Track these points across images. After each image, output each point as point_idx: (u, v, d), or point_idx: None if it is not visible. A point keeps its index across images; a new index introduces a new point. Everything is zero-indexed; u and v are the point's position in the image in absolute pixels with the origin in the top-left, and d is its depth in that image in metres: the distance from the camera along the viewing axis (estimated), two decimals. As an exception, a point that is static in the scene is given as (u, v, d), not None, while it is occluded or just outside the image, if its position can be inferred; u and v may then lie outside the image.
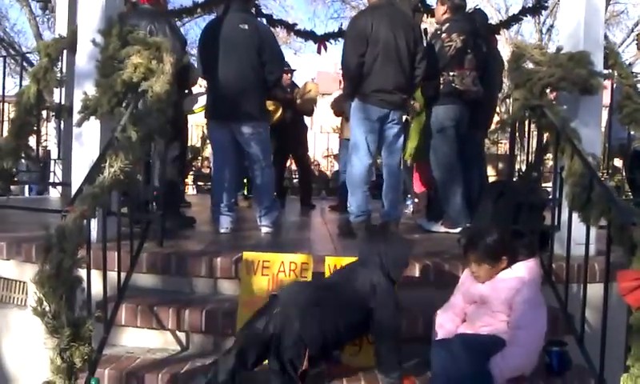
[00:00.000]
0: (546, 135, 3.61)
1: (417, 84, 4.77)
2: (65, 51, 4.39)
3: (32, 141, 4.66)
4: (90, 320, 2.39)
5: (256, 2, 10.66)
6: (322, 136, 18.82)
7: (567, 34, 3.82)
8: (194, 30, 18.37)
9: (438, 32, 4.86)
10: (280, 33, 10.60)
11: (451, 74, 4.71)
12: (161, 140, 3.66)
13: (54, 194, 7.21)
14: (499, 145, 11.95)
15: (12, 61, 11.95)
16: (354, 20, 4.95)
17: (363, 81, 4.54)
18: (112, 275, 3.14)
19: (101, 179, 2.70)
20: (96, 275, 3.02)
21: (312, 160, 15.85)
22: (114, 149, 2.90)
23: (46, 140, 9.14)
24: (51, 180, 7.09)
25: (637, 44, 5.42)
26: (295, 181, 10.16)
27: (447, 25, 4.82)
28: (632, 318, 2.33)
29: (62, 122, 6.41)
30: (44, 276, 2.26)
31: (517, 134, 4.45)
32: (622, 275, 2.32)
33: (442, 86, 4.76)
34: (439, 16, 5.11)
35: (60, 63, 4.34)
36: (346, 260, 3.20)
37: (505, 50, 17.62)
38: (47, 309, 2.26)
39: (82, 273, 2.56)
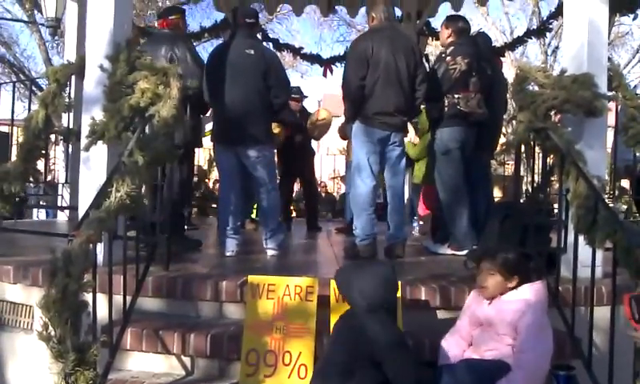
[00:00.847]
0: (551, 157, 3.61)
1: (417, 106, 4.79)
2: (73, 76, 4.44)
3: (41, 165, 4.70)
4: (96, 345, 2.39)
5: (263, 27, 10.85)
6: (328, 158, 18.88)
7: (571, 56, 3.84)
8: (201, 54, 18.52)
9: (443, 55, 4.89)
10: (286, 56, 10.73)
11: (456, 96, 4.73)
12: (168, 163, 3.68)
13: (62, 217, 7.25)
14: (506, 166, 11.93)
15: (21, 86, 12.09)
16: (354, 43, 5.00)
17: (364, 103, 4.57)
18: (118, 299, 3.14)
19: (107, 204, 2.72)
20: (102, 299, 3.03)
21: (319, 182, 15.92)
22: (121, 173, 2.93)
23: (54, 163, 9.21)
24: (59, 204, 7.16)
25: None
26: (302, 204, 10.17)
27: (451, 48, 4.85)
28: (639, 342, 2.31)
29: (70, 146, 6.49)
30: (49, 300, 2.27)
31: (523, 156, 4.45)
32: (628, 299, 2.31)
33: (446, 109, 4.78)
34: (444, 39, 5.15)
35: (68, 88, 4.38)
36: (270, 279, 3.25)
37: (510, 71, 17.72)
38: (52, 333, 2.26)
39: (88, 297, 2.59)
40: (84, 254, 2.40)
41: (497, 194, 10.00)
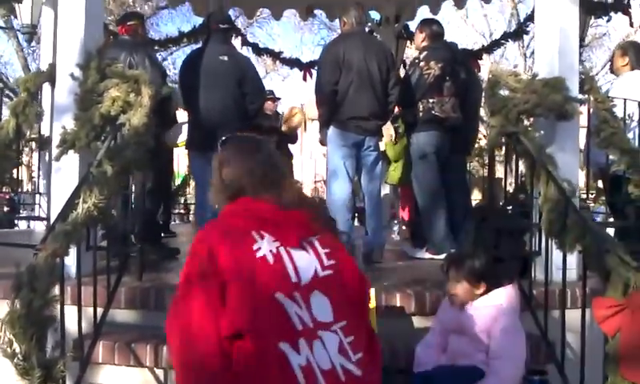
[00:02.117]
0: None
1: (391, 110, 4.81)
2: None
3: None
4: (62, 360, 2.35)
5: (242, 31, 10.83)
6: (310, 162, 18.87)
7: (543, 61, 3.88)
8: (180, 58, 18.45)
9: (416, 61, 4.91)
10: (266, 60, 10.69)
11: (431, 101, 4.75)
12: (138, 172, 3.64)
13: (40, 226, 7.14)
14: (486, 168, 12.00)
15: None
16: (326, 48, 5.02)
17: (338, 108, 4.58)
18: (89, 311, 3.10)
19: (74, 216, 2.68)
20: (74, 311, 2.99)
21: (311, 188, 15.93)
22: (89, 184, 2.88)
23: (32, 171, 9.12)
24: (37, 213, 7.06)
25: (610, 66, 5.48)
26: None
27: (425, 53, 4.87)
28: (608, 346, 2.33)
29: (47, 155, 6.42)
30: (14, 316, 2.23)
31: (502, 158, 4.46)
32: (596, 303, 2.33)
33: (421, 114, 4.79)
34: (418, 43, 5.18)
35: (40, 96, 4.33)
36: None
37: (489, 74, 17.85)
38: (17, 350, 2.22)
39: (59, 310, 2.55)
40: (49, 269, 2.36)
41: (478, 195, 10.05)
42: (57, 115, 3.82)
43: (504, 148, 4.02)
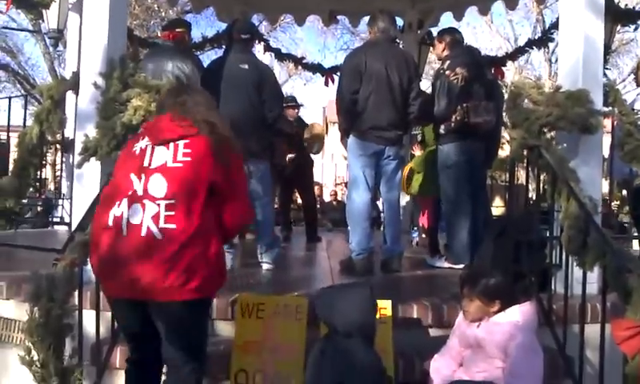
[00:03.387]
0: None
1: (412, 121, 4.77)
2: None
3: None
4: (80, 368, 2.38)
5: (265, 37, 10.88)
6: (331, 164, 18.88)
7: (566, 72, 3.82)
8: (205, 62, 18.61)
9: (441, 71, 4.87)
10: (289, 65, 10.76)
11: (465, 105, 4.72)
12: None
13: (62, 228, 7.26)
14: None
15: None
16: (348, 57, 5.02)
17: (358, 117, 4.58)
18: (107, 316, 3.13)
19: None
20: (92, 316, 3.03)
21: (331, 191, 15.91)
22: (109, 194, 2.91)
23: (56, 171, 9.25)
24: (60, 214, 7.17)
25: (634, 78, 5.39)
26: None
27: (448, 62, 4.84)
28: (627, 367, 2.28)
29: (71, 158, 6.52)
30: (32, 325, 2.26)
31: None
32: (616, 324, 2.29)
33: (453, 124, 4.76)
34: (439, 53, 5.16)
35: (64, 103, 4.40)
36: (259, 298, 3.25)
37: (515, 78, 17.68)
38: (35, 358, 2.26)
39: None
40: (67, 278, 2.40)
41: (499, 203, 9.94)
42: (79, 123, 3.88)
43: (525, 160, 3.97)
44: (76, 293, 2.65)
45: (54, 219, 7.56)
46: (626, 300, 2.32)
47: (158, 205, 2.38)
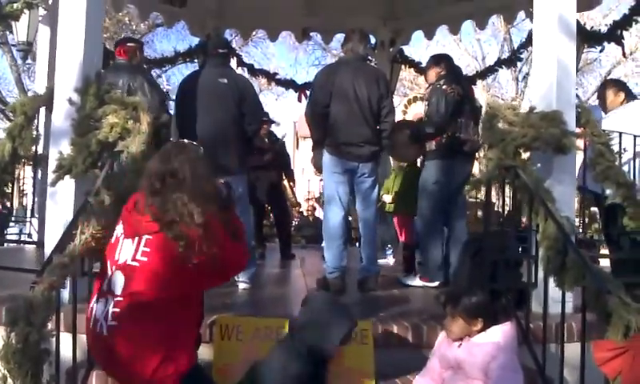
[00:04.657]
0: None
1: (385, 138, 4.76)
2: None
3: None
4: (57, 395, 2.31)
5: (237, 51, 10.87)
6: (303, 179, 18.86)
7: (540, 95, 3.89)
8: (175, 75, 18.52)
9: (437, 86, 4.89)
10: (261, 80, 10.76)
11: (459, 120, 4.81)
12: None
13: (30, 245, 7.06)
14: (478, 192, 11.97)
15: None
16: (319, 74, 5.04)
17: (331, 134, 4.62)
18: (83, 339, 3.05)
19: (71, 247, 2.65)
20: (67, 339, 2.95)
21: (308, 206, 15.88)
22: (86, 214, 2.86)
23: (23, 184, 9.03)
24: (28, 231, 7.00)
25: (599, 102, 5.54)
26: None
27: (442, 80, 4.89)
28: (611, 384, 2.32)
29: (40, 174, 6.37)
30: (9, 351, 2.19)
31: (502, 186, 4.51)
32: (597, 345, 2.32)
33: (444, 139, 4.83)
34: (432, 78, 5.14)
35: (36, 119, 4.30)
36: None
37: (482, 97, 17.97)
38: (12, 385, 2.18)
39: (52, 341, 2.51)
40: (46, 302, 2.33)
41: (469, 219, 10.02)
42: (53, 140, 3.79)
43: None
44: (53, 316, 2.57)
45: (22, 237, 7.37)
46: (606, 321, 2.35)
47: (107, 301, 2.48)
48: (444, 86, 4.84)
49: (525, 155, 3.73)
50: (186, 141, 2.95)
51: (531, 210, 3.28)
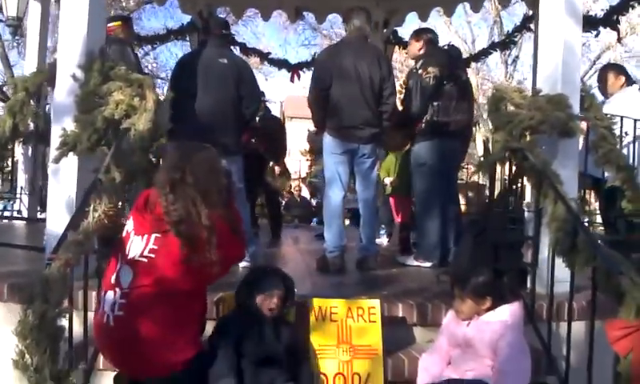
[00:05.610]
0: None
1: (386, 119, 4.75)
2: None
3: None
4: (74, 371, 2.31)
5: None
6: (289, 159, 18.80)
7: (545, 76, 3.90)
8: (163, 53, 18.30)
9: (414, 70, 4.91)
10: (252, 59, 10.67)
11: (435, 104, 4.79)
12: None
13: (20, 222, 6.98)
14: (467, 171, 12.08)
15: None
16: (320, 54, 5.03)
17: (332, 116, 4.60)
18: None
19: (85, 225, 2.63)
20: (76, 318, 2.93)
21: (295, 185, 15.82)
22: (98, 192, 2.83)
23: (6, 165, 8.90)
24: (18, 208, 6.92)
25: (598, 86, 5.57)
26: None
27: (420, 62, 4.88)
28: (619, 366, 2.36)
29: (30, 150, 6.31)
30: (26, 327, 2.18)
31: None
32: (609, 325, 2.36)
33: (424, 124, 4.81)
34: (415, 52, 5.18)
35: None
36: (332, 302, 3.20)
37: (472, 79, 17.97)
38: (29, 362, 2.17)
39: (65, 321, 2.50)
40: (62, 279, 2.32)
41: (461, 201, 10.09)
42: (56, 116, 3.73)
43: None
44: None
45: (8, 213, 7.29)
46: (618, 301, 2.39)
47: (115, 292, 2.56)
48: (420, 70, 4.84)
49: (529, 139, 3.75)
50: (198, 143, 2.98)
51: (539, 193, 3.30)
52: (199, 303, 2.75)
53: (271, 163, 7.47)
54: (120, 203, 2.96)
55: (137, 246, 2.60)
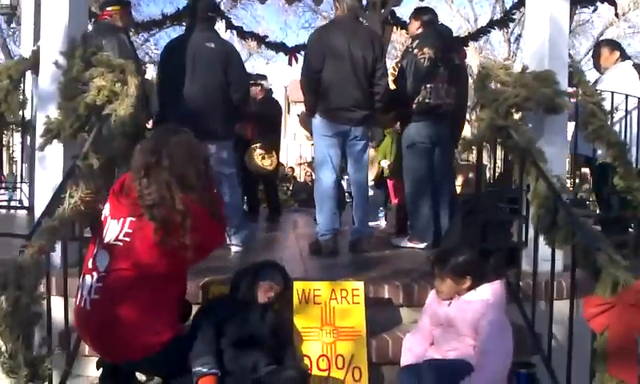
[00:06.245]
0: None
1: (379, 101, 4.69)
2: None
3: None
4: (50, 357, 2.32)
5: (226, 13, 10.71)
6: (294, 143, 18.78)
7: (532, 53, 3.86)
8: (163, 39, 18.23)
9: (409, 49, 4.87)
10: (250, 43, 10.63)
11: (428, 86, 4.74)
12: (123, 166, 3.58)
13: (22, 212, 7.02)
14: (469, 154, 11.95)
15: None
16: (312, 35, 4.96)
17: (323, 97, 4.56)
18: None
19: (60, 211, 2.63)
20: (59, 303, 2.96)
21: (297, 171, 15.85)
22: (75, 178, 2.83)
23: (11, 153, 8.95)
24: (19, 198, 6.95)
25: (594, 63, 5.51)
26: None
27: (416, 41, 4.85)
28: (596, 343, 2.35)
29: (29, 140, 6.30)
30: (0, 314, 2.18)
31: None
32: (586, 301, 2.34)
33: (415, 106, 4.78)
34: (413, 31, 5.17)
35: (23, 84, 4.24)
36: (315, 284, 3.19)
37: (474, 60, 17.85)
38: (3, 349, 2.19)
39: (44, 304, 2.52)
40: (36, 266, 2.32)
41: (459, 182, 10.03)
42: (40, 104, 3.74)
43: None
44: (44, 280, 2.58)
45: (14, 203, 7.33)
46: (595, 278, 2.37)
47: (92, 276, 2.60)
48: (415, 50, 4.79)
49: (516, 116, 3.71)
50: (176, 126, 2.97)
51: (522, 170, 3.28)
52: (176, 286, 2.76)
53: (254, 146, 7.29)
54: (100, 189, 2.94)
55: (113, 229, 2.62)
